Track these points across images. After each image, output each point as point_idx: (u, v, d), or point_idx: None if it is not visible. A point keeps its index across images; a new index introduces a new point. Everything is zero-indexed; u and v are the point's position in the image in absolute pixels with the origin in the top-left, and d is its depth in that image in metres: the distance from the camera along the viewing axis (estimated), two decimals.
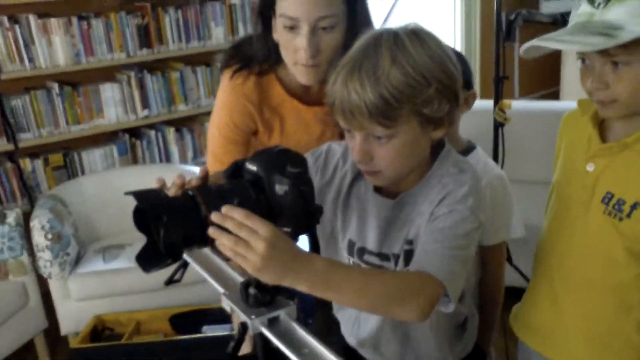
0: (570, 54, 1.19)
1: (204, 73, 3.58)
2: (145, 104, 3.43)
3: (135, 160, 3.47)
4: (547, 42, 1.12)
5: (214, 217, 0.89)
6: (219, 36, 3.57)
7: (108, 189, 3.07)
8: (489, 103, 2.55)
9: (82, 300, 2.79)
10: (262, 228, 0.87)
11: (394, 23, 1.13)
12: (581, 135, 1.25)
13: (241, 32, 3.62)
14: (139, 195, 0.91)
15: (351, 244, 1.23)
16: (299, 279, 0.91)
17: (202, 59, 3.60)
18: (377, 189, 1.19)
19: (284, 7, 1.38)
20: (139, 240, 0.93)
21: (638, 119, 1.15)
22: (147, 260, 0.93)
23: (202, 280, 1.18)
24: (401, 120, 1.05)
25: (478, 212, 1.10)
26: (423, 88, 1.04)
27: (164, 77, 3.47)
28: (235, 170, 1.02)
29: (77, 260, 2.87)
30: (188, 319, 2.74)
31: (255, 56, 1.52)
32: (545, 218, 1.35)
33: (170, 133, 3.54)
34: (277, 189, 0.96)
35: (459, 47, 4.70)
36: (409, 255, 1.14)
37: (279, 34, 1.42)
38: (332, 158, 1.25)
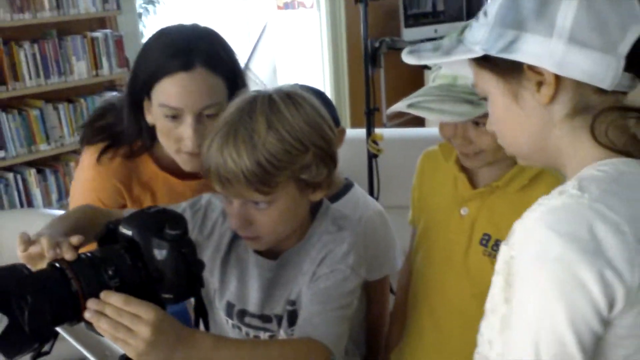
0: (431, 78, 1.26)
1: (67, 110, 3.38)
2: (1, 145, 3.18)
3: None
4: (417, 110, 1.15)
5: (91, 304, 0.84)
6: (81, 71, 3.40)
7: None
8: (361, 132, 2.61)
9: None
10: (145, 312, 0.83)
11: (261, 55, 1.10)
12: (445, 178, 1.29)
13: (105, 66, 3.48)
14: None
15: (230, 306, 1.19)
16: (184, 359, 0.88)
17: (64, 95, 3.40)
18: (257, 250, 1.16)
19: (164, 98, 1.28)
20: None
21: (501, 163, 1.20)
22: (11, 344, 0.83)
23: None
24: (280, 186, 1.03)
25: (359, 268, 1.11)
26: (300, 154, 1.02)
27: (21, 115, 3.24)
28: (108, 234, 0.95)
29: None
30: None
31: (125, 136, 1.41)
32: (415, 260, 1.38)
33: (31, 175, 3.29)
34: (155, 253, 0.90)
35: (327, 75, 4.79)
36: (292, 315, 1.13)
37: (158, 121, 1.32)
38: (211, 213, 1.19)
